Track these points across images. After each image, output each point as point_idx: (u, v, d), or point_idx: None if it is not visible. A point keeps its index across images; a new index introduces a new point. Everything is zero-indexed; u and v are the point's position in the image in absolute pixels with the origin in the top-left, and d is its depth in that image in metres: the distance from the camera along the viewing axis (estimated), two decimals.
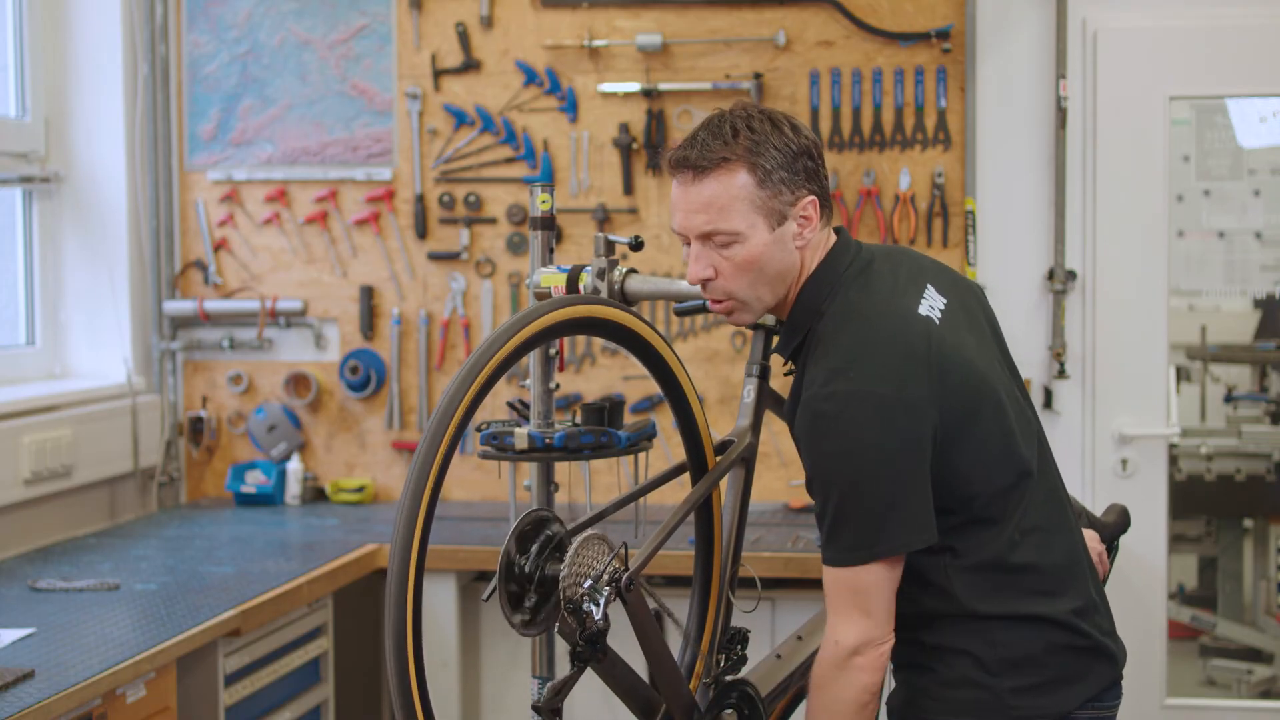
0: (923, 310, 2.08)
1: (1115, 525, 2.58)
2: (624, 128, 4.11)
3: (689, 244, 2.10)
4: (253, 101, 4.29)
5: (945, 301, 2.13)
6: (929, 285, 2.14)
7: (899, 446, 1.98)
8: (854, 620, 2.01)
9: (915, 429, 1.98)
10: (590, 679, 2.03)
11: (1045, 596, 2.07)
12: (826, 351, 2.03)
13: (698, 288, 2.41)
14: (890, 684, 2.24)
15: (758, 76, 4.04)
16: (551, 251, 2.46)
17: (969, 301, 2.19)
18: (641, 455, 2.46)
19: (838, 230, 2.16)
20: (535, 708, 1.95)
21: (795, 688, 2.46)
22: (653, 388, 4.01)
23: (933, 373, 2.01)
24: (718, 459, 2.27)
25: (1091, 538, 2.40)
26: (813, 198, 2.08)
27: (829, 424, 1.98)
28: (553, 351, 2.40)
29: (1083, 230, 3.95)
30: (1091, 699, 2.12)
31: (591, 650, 1.91)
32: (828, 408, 1.98)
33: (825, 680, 2.04)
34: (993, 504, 2.05)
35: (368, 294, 4.25)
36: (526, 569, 2.00)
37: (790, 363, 2.19)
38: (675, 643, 2.26)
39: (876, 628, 2.01)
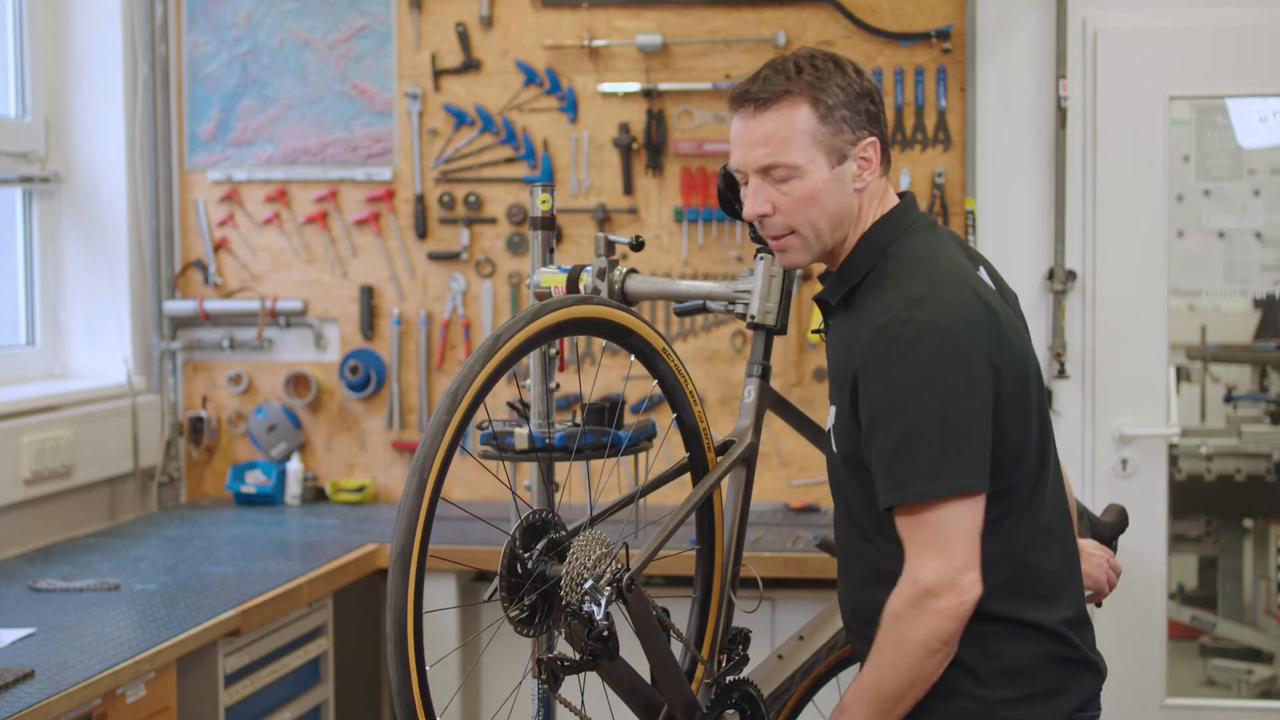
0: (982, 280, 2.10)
1: (1114, 525, 2.58)
2: (624, 128, 4.11)
3: (747, 182, 2.10)
4: (253, 101, 4.29)
5: (994, 287, 2.15)
6: (981, 267, 2.16)
7: (971, 383, 1.96)
8: (929, 559, 1.94)
9: (983, 374, 1.97)
10: (594, 682, 2.02)
11: (1042, 602, 2.06)
12: (899, 283, 2.02)
13: (698, 287, 2.42)
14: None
15: None
16: (551, 251, 2.46)
17: (1008, 295, 2.21)
18: (641, 455, 2.46)
19: (903, 194, 2.16)
20: (539, 659, 1.95)
21: (799, 688, 2.46)
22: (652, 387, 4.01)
23: (995, 336, 2.02)
24: (718, 459, 2.27)
25: (1100, 549, 2.39)
26: (874, 139, 2.08)
27: (906, 348, 1.95)
28: (553, 351, 2.40)
29: (1083, 230, 3.95)
30: (1076, 709, 2.10)
31: (604, 647, 1.91)
32: (906, 332, 1.96)
33: (896, 615, 1.97)
34: (1023, 486, 2.03)
35: (368, 294, 4.25)
36: (527, 570, 2.00)
37: (823, 322, 2.19)
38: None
39: (957, 570, 1.94)
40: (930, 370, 1.95)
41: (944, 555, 1.94)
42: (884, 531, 2.05)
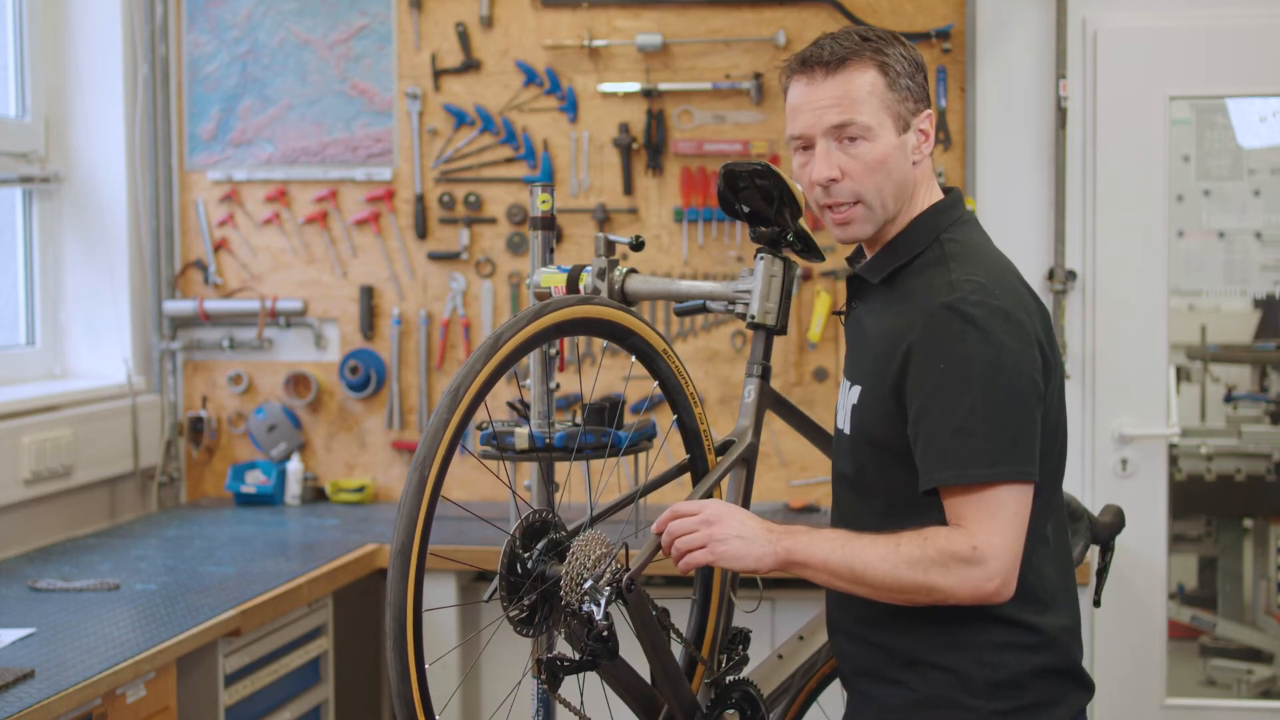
0: None
1: (1111, 526, 2.57)
2: (624, 128, 4.11)
3: (808, 148, 2.08)
4: (253, 101, 4.29)
5: None
6: None
7: (1034, 371, 1.96)
8: (993, 535, 1.90)
9: (1039, 366, 1.98)
10: (592, 682, 2.02)
11: (1042, 607, 2.04)
12: (963, 266, 2.02)
13: (698, 287, 2.42)
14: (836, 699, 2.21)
15: (758, 76, 4.04)
16: (551, 251, 2.46)
17: None
18: (641, 455, 2.46)
19: (948, 189, 2.17)
20: (539, 660, 1.95)
21: (805, 689, 2.45)
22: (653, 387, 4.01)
23: (1047, 331, 2.03)
24: (718, 459, 2.27)
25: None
26: (929, 112, 2.10)
27: (976, 329, 1.94)
28: (553, 351, 2.40)
29: (1083, 230, 3.95)
30: None
31: (603, 647, 1.90)
32: (976, 312, 1.94)
33: (938, 549, 1.90)
34: (1044, 486, 2.01)
35: (368, 294, 4.25)
36: (527, 569, 2.00)
37: (848, 303, 2.18)
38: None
39: (1009, 569, 1.90)
40: (1001, 351, 1.94)
41: (1004, 540, 1.91)
42: (912, 515, 1.99)
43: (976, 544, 1.90)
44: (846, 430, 2.13)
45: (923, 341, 1.97)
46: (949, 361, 1.94)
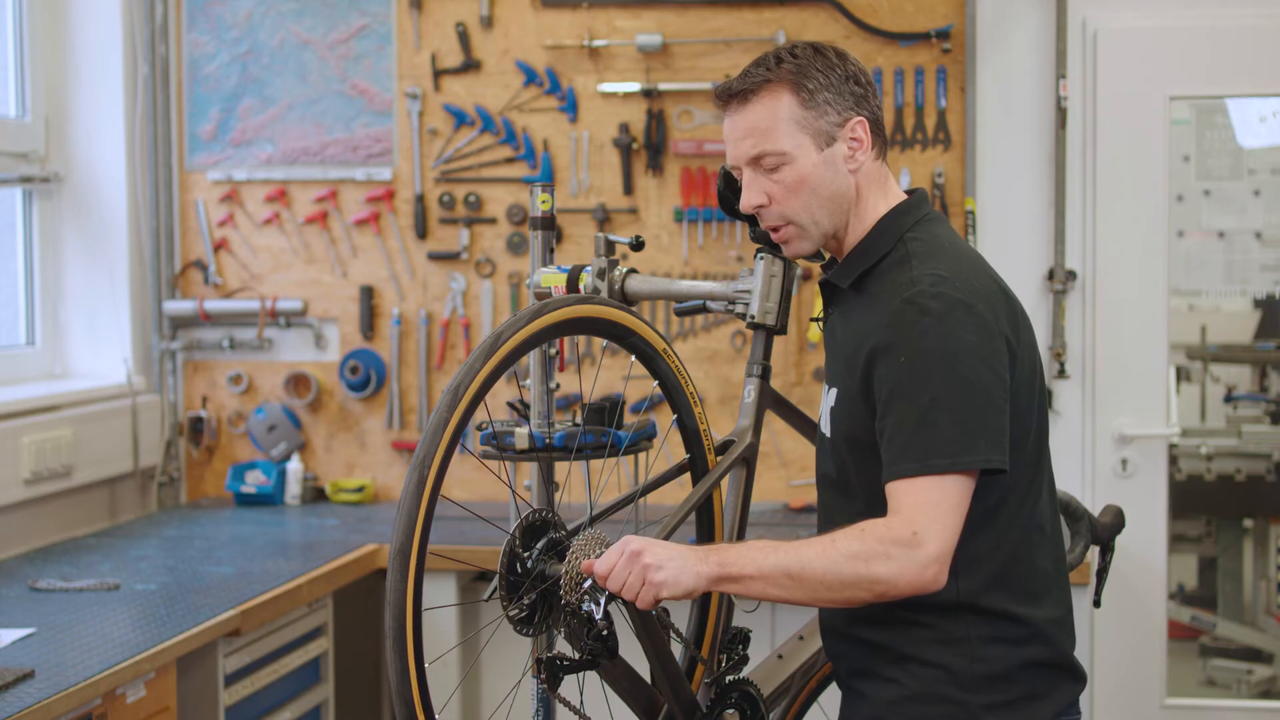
0: None
1: (1111, 526, 2.58)
2: (624, 128, 4.11)
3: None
4: (253, 101, 4.29)
5: None
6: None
7: (995, 360, 1.95)
8: (934, 523, 1.89)
9: (1004, 354, 1.97)
10: (592, 682, 2.02)
11: (1032, 599, 2.04)
12: (924, 262, 2.02)
13: (698, 287, 2.42)
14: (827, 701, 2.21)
15: None
16: (551, 251, 2.46)
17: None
18: (641, 455, 2.46)
19: (912, 190, 2.16)
20: (538, 659, 1.95)
21: (804, 689, 2.46)
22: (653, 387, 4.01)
23: (1013, 320, 2.02)
24: (718, 459, 2.27)
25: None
26: (861, 119, 2.08)
27: (933, 321, 1.94)
28: (553, 351, 2.40)
29: (1083, 230, 3.95)
30: (1056, 714, 2.08)
31: (603, 646, 1.90)
32: (934, 305, 1.95)
33: (877, 538, 1.88)
34: (1019, 476, 2.01)
35: (368, 294, 4.25)
36: (527, 569, 2.00)
37: (824, 310, 2.19)
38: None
39: (946, 554, 1.89)
40: (959, 343, 1.94)
41: (944, 528, 1.90)
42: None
43: (917, 529, 1.89)
44: (827, 432, 2.15)
45: (886, 339, 1.98)
46: (909, 355, 1.95)
